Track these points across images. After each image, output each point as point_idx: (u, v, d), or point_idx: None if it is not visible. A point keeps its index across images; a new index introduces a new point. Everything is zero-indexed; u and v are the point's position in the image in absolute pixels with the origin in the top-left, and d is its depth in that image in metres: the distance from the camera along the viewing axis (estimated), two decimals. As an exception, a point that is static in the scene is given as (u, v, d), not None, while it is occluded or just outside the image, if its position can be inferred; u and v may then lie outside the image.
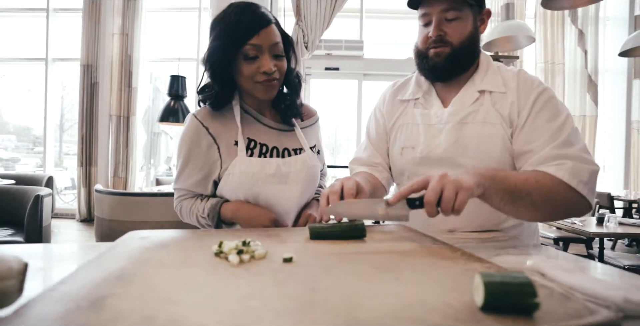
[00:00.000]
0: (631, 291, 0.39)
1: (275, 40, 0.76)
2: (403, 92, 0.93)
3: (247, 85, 0.78)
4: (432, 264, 0.47)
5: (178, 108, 3.17)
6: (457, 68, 0.82)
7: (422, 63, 0.83)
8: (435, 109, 0.85)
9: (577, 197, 0.67)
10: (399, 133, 0.90)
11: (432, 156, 0.82)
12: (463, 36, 0.79)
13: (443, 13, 0.78)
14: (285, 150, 0.87)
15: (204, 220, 0.82)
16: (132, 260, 0.46)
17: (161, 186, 3.51)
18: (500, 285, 0.31)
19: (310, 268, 0.44)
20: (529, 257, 0.59)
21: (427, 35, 0.81)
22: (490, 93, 0.80)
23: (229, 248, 0.47)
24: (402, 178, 0.89)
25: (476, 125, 0.79)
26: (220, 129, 0.82)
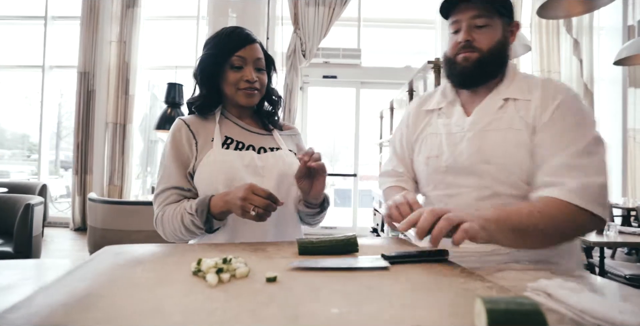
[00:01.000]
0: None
1: (259, 55, 0.87)
2: (428, 103, 0.93)
3: (230, 92, 0.87)
4: (428, 283, 0.43)
5: (175, 116, 3.14)
6: (484, 74, 0.81)
7: (450, 69, 0.84)
8: (456, 118, 0.85)
9: (588, 215, 0.64)
10: (423, 144, 0.90)
11: (457, 165, 0.82)
12: (492, 43, 0.79)
13: (473, 20, 0.79)
14: (262, 149, 0.89)
15: (190, 218, 0.75)
16: (101, 279, 0.42)
17: (156, 194, 3.46)
18: (505, 313, 0.28)
19: (295, 290, 0.40)
20: (531, 273, 0.55)
21: (456, 41, 0.81)
22: (514, 101, 0.79)
23: (207, 266, 0.44)
24: (429, 188, 0.89)
25: (500, 132, 0.77)
26: (200, 127, 0.87)
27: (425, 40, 4.17)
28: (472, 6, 0.78)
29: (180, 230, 0.77)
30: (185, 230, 0.77)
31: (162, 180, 0.84)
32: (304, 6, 3.78)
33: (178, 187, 0.82)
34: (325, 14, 3.79)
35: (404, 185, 0.93)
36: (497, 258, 0.66)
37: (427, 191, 0.91)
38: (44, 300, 0.35)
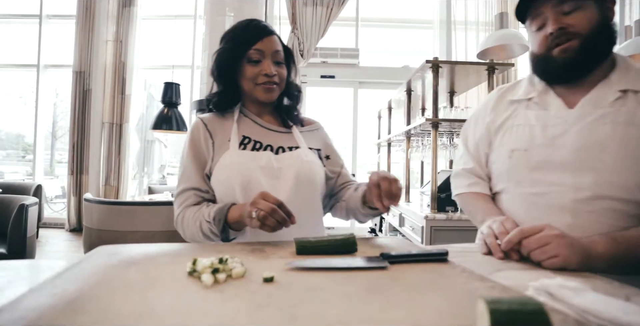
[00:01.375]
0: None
1: (277, 48, 0.83)
2: (513, 93, 0.84)
3: (248, 87, 0.84)
4: (428, 283, 0.42)
5: (172, 115, 3.13)
6: (591, 61, 0.71)
7: (546, 65, 0.75)
8: (555, 110, 0.75)
9: None
10: (507, 135, 0.81)
11: (552, 160, 0.73)
12: (592, 23, 0.69)
13: (558, 7, 0.70)
14: (280, 148, 0.86)
15: (208, 226, 0.73)
16: (92, 280, 0.41)
17: (153, 195, 3.43)
18: (508, 314, 0.27)
19: (292, 290, 0.39)
20: (532, 273, 0.55)
21: (545, 36, 0.72)
22: (636, 94, 0.69)
23: (203, 266, 0.42)
24: (510, 184, 0.80)
25: (617, 127, 0.68)
26: (217, 127, 0.86)
27: (423, 40, 4.17)
28: None
29: (198, 235, 0.76)
30: (203, 236, 0.76)
31: (181, 179, 0.84)
32: (301, 6, 3.78)
33: (196, 188, 0.81)
34: (323, 13, 3.79)
35: (479, 190, 0.87)
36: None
37: (505, 187, 0.82)
38: (32, 303, 0.33)
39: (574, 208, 0.69)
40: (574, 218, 0.69)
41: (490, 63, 2.03)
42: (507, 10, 3.56)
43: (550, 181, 0.72)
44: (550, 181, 0.72)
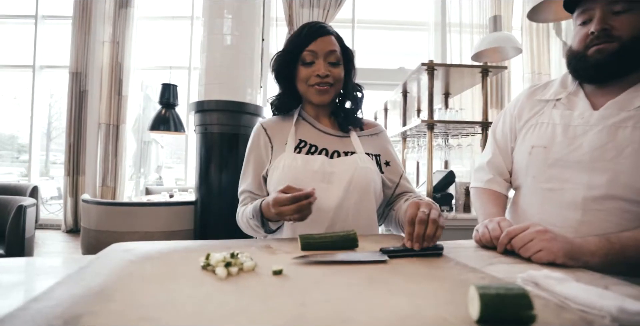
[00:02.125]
0: (625, 300, 0.38)
1: (331, 48, 0.83)
2: (543, 92, 0.87)
3: (303, 89, 0.86)
4: (425, 275, 0.46)
5: (169, 116, 3.15)
6: (624, 66, 0.71)
7: (580, 63, 0.75)
8: (579, 110, 0.77)
9: None
10: (530, 132, 0.84)
11: (569, 158, 0.75)
12: (636, 30, 0.68)
13: (609, 5, 0.69)
14: (335, 152, 0.86)
15: (253, 222, 0.79)
16: (113, 274, 0.44)
17: (151, 196, 3.44)
18: (496, 297, 0.31)
19: (300, 281, 0.42)
20: (521, 266, 0.59)
21: (586, 33, 0.72)
22: None
23: (216, 260, 0.46)
24: (527, 177, 0.83)
25: (637, 131, 0.69)
26: (276, 131, 0.89)
27: (419, 42, 4.23)
28: None
29: (249, 230, 0.83)
30: (252, 230, 0.83)
31: (242, 180, 0.90)
32: (298, 7, 3.81)
33: (251, 192, 0.87)
34: (320, 15, 3.83)
35: (495, 188, 0.91)
36: (488, 252, 0.69)
37: (523, 182, 0.85)
38: (64, 293, 0.36)
39: (584, 205, 0.71)
40: (583, 215, 0.71)
41: (484, 66, 2.08)
42: (500, 13, 3.62)
43: (565, 178, 0.74)
44: (564, 178, 0.75)
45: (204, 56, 2.46)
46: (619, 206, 0.69)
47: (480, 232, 0.71)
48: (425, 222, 0.57)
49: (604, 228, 0.69)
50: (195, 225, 2.58)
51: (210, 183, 2.48)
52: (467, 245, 0.76)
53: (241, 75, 2.47)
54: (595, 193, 0.71)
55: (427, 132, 2.11)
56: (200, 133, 2.47)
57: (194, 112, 2.52)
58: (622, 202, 0.69)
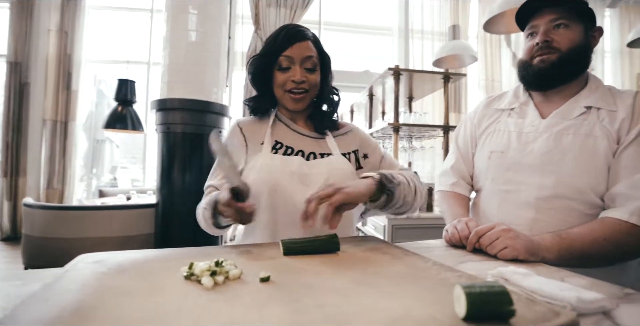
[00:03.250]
0: (581, 291, 0.43)
1: (308, 54, 0.82)
2: (499, 102, 0.96)
3: (279, 94, 0.86)
4: (407, 275, 0.48)
5: (126, 114, 2.96)
6: (562, 76, 0.81)
7: (526, 71, 0.85)
8: (531, 119, 0.86)
9: None
10: (488, 138, 0.92)
11: (523, 162, 0.83)
12: (573, 43, 0.79)
13: (551, 22, 0.80)
14: (312, 154, 0.87)
15: (207, 213, 0.76)
16: (88, 289, 0.41)
17: (105, 198, 3.21)
18: (480, 295, 0.33)
19: (289, 288, 0.43)
20: (489, 263, 0.63)
21: (532, 44, 0.82)
22: (598, 110, 0.78)
23: (200, 269, 0.44)
24: (486, 180, 0.91)
25: (577, 137, 0.77)
26: (252, 131, 0.89)
27: (384, 47, 4.36)
28: (552, 10, 0.79)
29: (202, 222, 0.80)
30: (205, 223, 0.79)
31: (210, 176, 0.89)
32: (265, 7, 3.76)
33: (217, 187, 0.85)
34: (287, 15, 3.81)
35: (459, 191, 0.97)
36: (459, 251, 0.73)
37: (483, 185, 0.92)
38: (32, 315, 0.33)
39: (537, 205, 0.79)
40: (536, 214, 0.79)
41: (446, 72, 2.20)
42: (458, 22, 3.85)
43: (519, 180, 0.83)
44: (519, 180, 0.83)
45: (167, 52, 2.34)
46: (566, 205, 0.77)
47: (450, 232, 0.76)
48: (311, 200, 0.62)
49: (554, 226, 0.76)
50: (156, 229, 2.45)
51: (173, 184, 2.37)
52: (438, 244, 0.80)
53: (207, 73, 2.38)
54: (545, 194, 0.79)
55: (392, 135, 2.19)
56: (162, 132, 2.35)
57: (155, 110, 2.39)
58: (568, 200, 0.77)
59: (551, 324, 0.33)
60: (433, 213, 2.07)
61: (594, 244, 0.67)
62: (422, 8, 4.04)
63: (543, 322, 0.33)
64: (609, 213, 0.72)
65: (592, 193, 0.76)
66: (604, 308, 0.42)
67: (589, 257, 0.68)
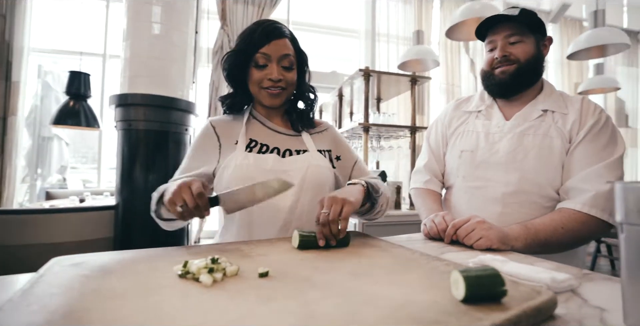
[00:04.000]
0: (552, 273, 0.48)
1: (285, 52, 0.81)
2: (467, 105, 1.03)
3: (254, 91, 0.85)
4: (399, 266, 0.50)
5: (80, 109, 2.73)
6: (521, 84, 0.91)
7: (489, 80, 0.94)
8: (496, 121, 0.94)
9: (601, 223, 0.76)
10: (459, 139, 0.99)
11: (490, 160, 0.90)
12: (527, 55, 0.88)
13: (507, 38, 0.89)
14: (287, 151, 0.85)
15: (154, 195, 0.74)
16: (74, 292, 0.38)
17: (55, 201, 2.94)
18: (477, 278, 0.36)
19: (290, 282, 0.43)
20: (467, 253, 0.68)
21: (492, 57, 0.91)
22: (552, 113, 0.88)
23: (197, 267, 0.43)
24: (458, 179, 0.97)
25: (537, 137, 0.87)
26: (226, 130, 0.87)
27: (351, 48, 4.44)
28: (506, 26, 0.88)
29: (152, 206, 0.75)
30: (152, 210, 0.75)
31: (177, 173, 0.85)
32: (232, 3, 3.67)
33: None
34: (255, 13, 3.74)
35: (432, 188, 1.03)
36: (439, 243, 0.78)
37: (454, 182, 0.99)
38: (16, 322, 0.31)
39: (503, 199, 0.87)
40: (503, 208, 0.87)
41: (413, 75, 2.30)
42: (422, 27, 4.04)
43: (488, 177, 0.90)
44: (488, 177, 0.90)
45: (128, 44, 2.20)
46: (529, 199, 0.85)
47: (429, 226, 0.80)
48: (327, 223, 0.61)
49: (518, 218, 0.84)
50: (116, 232, 2.30)
51: (135, 185, 2.23)
52: (417, 238, 0.84)
53: (172, 68, 2.28)
54: (511, 189, 0.86)
55: (362, 134, 2.24)
56: (123, 129, 2.20)
57: (114, 106, 2.24)
58: (530, 195, 0.85)
59: (536, 301, 0.36)
60: (401, 211, 2.15)
61: (554, 232, 0.75)
62: (388, 12, 4.17)
63: (529, 300, 0.37)
64: (565, 204, 0.81)
65: (549, 187, 0.85)
66: (572, 287, 0.47)
67: (550, 244, 0.76)
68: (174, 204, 0.60)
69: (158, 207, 0.73)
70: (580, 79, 4.85)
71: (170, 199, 0.61)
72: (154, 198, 0.74)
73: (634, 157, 5.45)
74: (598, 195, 0.76)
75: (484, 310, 0.34)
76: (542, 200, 0.85)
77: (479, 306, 0.35)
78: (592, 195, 0.76)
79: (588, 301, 0.43)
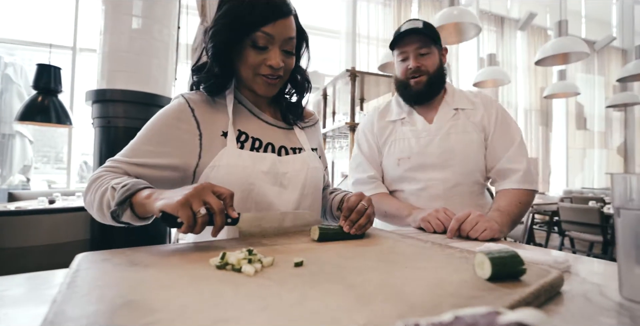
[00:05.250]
0: (553, 255, 0.54)
1: (290, 34, 0.69)
2: (389, 115, 1.10)
3: (247, 75, 0.71)
4: (418, 253, 0.54)
5: (50, 105, 2.58)
6: (433, 92, 1.03)
7: (406, 90, 1.04)
8: (421, 125, 1.04)
9: (532, 192, 0.95)
10: (392, 147, 1.06)
11: (426, 162, 1.00)
12: (435, 66, 1.01)
13: (417, 50, 0.99)
14: (282, 148, 0.77)
15: (111, 192, 0.57)
16: (122, 284, 0.38)
17: (20, 203, 2.75)
18: (500, 259, 0.41)
19: (327, 269, 0.45)
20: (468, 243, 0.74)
21: (406, 67, 1.01)
22: (462, 110, 1.03)
23: (237, 258, 0.44)
24: (403, 184, 1.04)
25: (458, 135, 1.00)
26: (207, 116, 0.71)
27: (332, 49, 4.50)
28: (416, 39, 0.98)
29: (93, 204, 0.60)
30: (98, 205, 0.59)
31: (129, 151, 0.66)
32: (212, -2, 3.60)
33: (138, 172, 0.65)
34: (236, 9, 3.69)
35: (383, 191, 1.08)
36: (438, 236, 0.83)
37: (397, 187, 1.06)
38: (80, 312, 0.31)
39: (445, 195, 0.99)
40: (445, 202, 0.98)
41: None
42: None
43: (428, 178, 1.00)
44: (428, 178, 1.01)
45: (106, 38, 2.11)
46: (464, 189, 1.00)
47: (434, 223, 0.85)
48: (362, 213, 0.65)
49: (461, 209, 0.89)
50: (93, 234, 2.20)
51: (113, 185, 2.14)
52: (412, 231, 0.89)
53: (153, 63, 2.21)
54: (449, 185, 0.99)
55: (348, 133, 2.29)
56: (101, 126, 2.12)
57: (91, 102, 2.14)
58: (464, 186, 1.00)
59: (549, 278, 0.42)
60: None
61: (517, 208, 0.90)
62: (369, 14, 4.27)
63: (544, 278, 0.42)
64: (503, 185, 0.98)
65: (478, 173, 1.01)
66: (569, 267, 0.53)
67: (517, 220, 0.90)
68: (186, 208, 0.49)
69: (120, 207, 0.55)
70: (545, 84, 5.21)
71: (183, 201, 0.48)
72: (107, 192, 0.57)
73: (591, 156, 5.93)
74: (525, 172, 0.95)
75: (509, 286, 0.39)
76: (473, 187, 1.00)
77: (504, 283, 0.39)
78: (521, 174, 0.95)
79: (586, 278, 0.49)
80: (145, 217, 0.58)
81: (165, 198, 0.51)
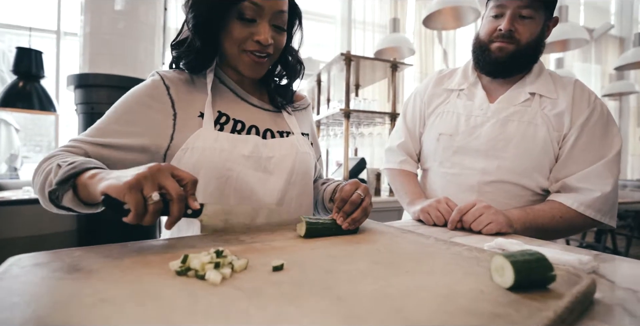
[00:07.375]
0: (577, 255, 0.46)
1: (282, 7, 0.62)
2: (449, 82, 0.94)
3: (232, 52, 0.63)
4: (420, 252, 0.47)
5: (32, 91, 2.45)
6: (516, 67, 0.82)
7: (483, 56, 0.84)
8: (479, 102, 0.86)
9: (591, 221, 0.75)
10: (437, 120, 0.91)
11: (470, 146, 0.84)
12: (532, 36, 0.79)
13: (519, 9, 0.77)
14: (268, 131, 0.69)
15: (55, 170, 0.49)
16: (45, 300, 0.30)
17: (5, 192, 2.65)
18: (525, 263, 0.33)
19: (310, 275, 0.37)
20: (474, 237, 0.66)
21: (495, 27, 0.80)
22: (540, 97, 0.81)
23: (200, 263, 0.36)
24: (434, 163, 0.92)
25: (521, 124, 0.80)
26: (183, 94, 0.65)
27: (327, 35, 4.34)
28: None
29: (36, 186, 0.53)
30: (40, 185, 0.51)
31: (94, 131, 0.59)
32: (202, -21, 3.43)
33: (97, 151, 0.58)
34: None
35: (407, 168, 0.97)
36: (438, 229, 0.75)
37: (430, 166, 0.93)
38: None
39: (479, 188, 0.83)
40: (478, 197, 0.83)
41: (394, 61, 2.27)
42: (398, 16, 4.01)
43: (466, 164, 0.85)
44: (465, 164, 0.85)
45: (87, 18, 1.98)
46: (505, 188, 0.82)
47: (434, 215, 0.76)
48: (357, 205, 0.57)
49: None
50: (79, 225, 2.12)
51: (99, 175, 2.05)
52: (410, 224, 0.82)
53: (139, 47, 2.08)
54: (487, 178, 0.83)
55: (343, 120, 2.20)
56: (84, 113, 2.01)
57: (73, 87, 2.02)
58: (508, 185, 0.82)
59: (582, 286, 0.34)
60: (381, 198, 2.15)
61: (552, 220, 0.75)
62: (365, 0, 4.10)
63: (575, 285, 0.34)
64: (560, 198, 0.77)
65: (527, 178, 0.81)
66: (594, 268, 0.46)
67: (546, 231, 0.76)
68: (135, 192, 0.39)
69: (60, 187, 0.47)
70: (544, 71, 5.09)
71: (134, 182, 0.39)
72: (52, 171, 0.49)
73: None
74: (598, 196, 0.74)
75: (536, 298, 0.31)
76: (517, 189, 0.82)
77: (530, 294, 0.32)
78: (591, 196, 0.74)
79: (616, 283, 0.42)
80: (90, 203, 0.48)
81: (112, 178, 0.42)
